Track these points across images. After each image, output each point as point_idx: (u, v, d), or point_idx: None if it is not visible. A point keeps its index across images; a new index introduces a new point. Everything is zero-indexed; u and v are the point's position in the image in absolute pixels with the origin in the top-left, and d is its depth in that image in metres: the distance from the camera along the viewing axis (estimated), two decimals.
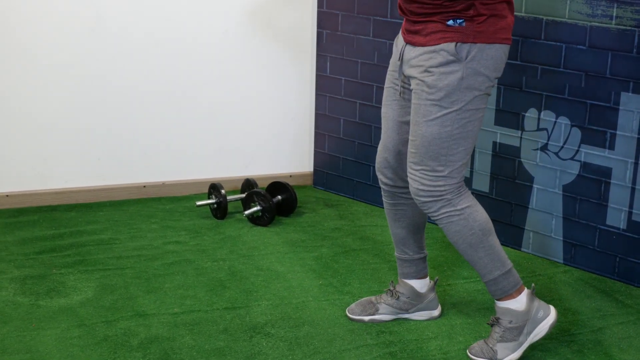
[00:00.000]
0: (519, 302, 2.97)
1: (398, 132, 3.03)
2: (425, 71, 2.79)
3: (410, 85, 2.90)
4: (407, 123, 3.00)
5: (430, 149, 2.82)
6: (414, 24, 2.83)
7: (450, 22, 2.75)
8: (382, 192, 3.16)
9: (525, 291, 3.00)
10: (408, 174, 2.91)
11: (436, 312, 3.28)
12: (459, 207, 2.88)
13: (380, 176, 3.13)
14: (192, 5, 4.33)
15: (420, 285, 3.24)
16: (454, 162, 2.84)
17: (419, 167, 2.85)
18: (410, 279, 3.23)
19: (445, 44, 2.75)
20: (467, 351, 3.02)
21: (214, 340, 3.06)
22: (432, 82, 2.78)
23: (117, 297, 3.36)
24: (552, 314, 3.02)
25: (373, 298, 3.28)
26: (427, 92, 2.79)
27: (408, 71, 2.87)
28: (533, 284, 3.05)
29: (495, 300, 3.00)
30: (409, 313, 3.25)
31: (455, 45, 2.75)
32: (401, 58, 2.91)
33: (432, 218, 2.92)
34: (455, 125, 2.80)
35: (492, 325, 3.01)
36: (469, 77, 2.77)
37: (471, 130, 2.83)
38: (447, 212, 2.88)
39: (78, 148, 4.30)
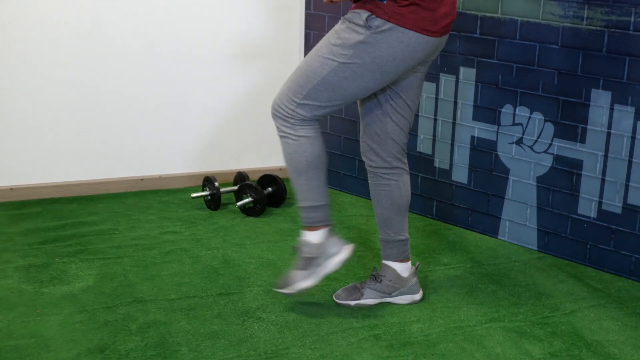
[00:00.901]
0: (316, 236, 3.08)
1: (371, 113, 3.11)
2: (343, 20, 2.92)
3: None
4: (379, 104, 3.08)
5: (303, 78, 2.94)
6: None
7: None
8: (368, 174, 3.22)
9: (326, 229, 3.09)
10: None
11: (418, 296, 3.30)
12: (297, 134, 2.99)
13: (364, 159, 3.19)
14: (185, 8, 4.33)
15: (402, 268, 3.26)
16: (313, 100, 2.94)
17: (287, 85, 2.98)
18: (392, 260, 3.24)
19: (362, 10, 2.86)
20: (275, 287, 3.20)
21: (209, 325, 3.07)
22: (339, 29, 2.91)
23: (116, 284, 3.37)
24: (345, 252, 3.14)
25: (358, 284, 3.29)
26: (332, 34, 2.93)
27: None
28: (331, 224, 3.15)
29: (301, 231, 3.11)
30: (392, 297, 3.27)
31: (368, 16, 2.84)
32: None
33: (278, 133, 3.04)
34: (332, 74, 2.91)
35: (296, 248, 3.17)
36: (370, 45, 2.86)
37: (345, 87, 2.93)
38: (286, 132, 3.00)
39: (78, 143, 4.31)
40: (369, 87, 2.94)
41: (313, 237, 3.10)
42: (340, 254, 3.15)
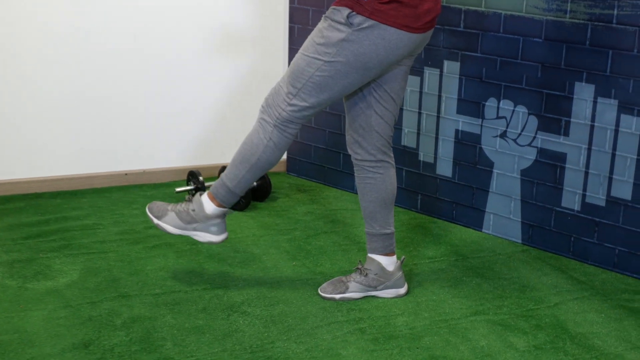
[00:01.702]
0: (210, 206, 3.14)
1: (355, 107, 3.11)
2: (325, 18, 2.92)
3: None
4: (362, 97, 3.08)
5: (292, 76, 2.96)
6: None
7: None
8: (354, 167, 3.21)
9: (221, 209, 3.15)
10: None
11: (403, 290, 3.29)
12: (268, 134, 3.01)
13: (350, 152, 3.19)
14: (169, 3, 4.31)
15: (387, 262, 3.25)
16: (301, 101, 2.96)
17: (280, 83, 3.01)
18: (377, 254, 3.24)
19: (343, 7, 2.86)
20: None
21: (194, 319, 3.06)
22: (322, 27, 2.92)
23: (101, 279, 3.35)
24: (219, 237, 3.21)
25: (343, 277, 3.28)
26: (316, 32, 2.93)
27: None
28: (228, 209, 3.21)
29: (202, 195, 3.18)
30: (377, 290, 3.26)
31: (350, 12, 2.84)
32: None
33: (257, 120, 3.05)
34: (317, 72, 2.91)
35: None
36: (351, 42, 2.86)
37: (331, 85, 2.94)
38: (261, 126, 3.03)
39: (62, 138, 4.28)
40: (354, 84, 2.95)
41: (208, 204, 3.15)
42: (215, 236, 3.21)
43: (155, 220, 3.21)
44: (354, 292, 3.24)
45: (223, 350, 2.85)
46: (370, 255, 3.26)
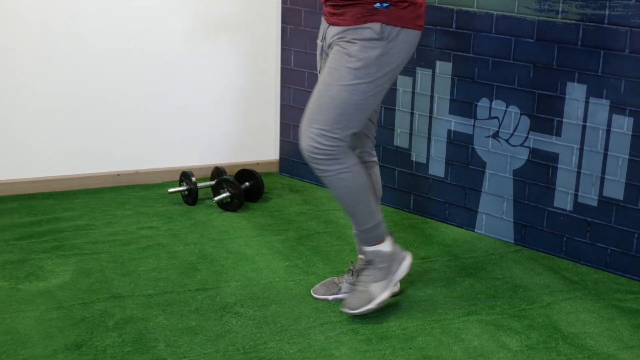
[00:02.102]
0: (387, 245, 3.08)
1: None
2: (349, 41, 2.84)
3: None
4: None
5: (336, 112, 2.84)
6: (337, 8, 2.87)
7: (377, 5, 2.80)
8: None
9: (391, 236, 3.11)
10: (303, 130, 2.90)
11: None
12: (347, 165, 2.91)
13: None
14: (160, 5, 4.30)
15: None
16: (351, 128, 2.88)
17: (318, 126, 2.85)
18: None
19: (372, 23, 2.81)
20: (346, 310, 3.08)
21: (186, 320, 3.05)
22: (353, 52, 2.82)
23: (93, 280, 3.34)
24: (409, 255, 3.17)
25: (336, 279, 3.28)
26: (346, 59, 2.83)
27: (330, 43, 2.93)
28: (392, 230, 3.17)
29: (366, 247, 3.08)
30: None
31: (381, 25, 2.81)
32: (324, 38, 2.96)
33: (322, 175, 2.92)
34: (363, 96, 2.85)
35: (358, 271, 3.15)
36: (386, 55, 2.83)
37: (372, 103, 2.90)
38: (338, 169, 2.90)
39: (55, 139, 4.26)
40: (387, 89, 2.96)
41: (384, 247, 3.09)
42: (407, 257, 3.17)
43: (370, 306, 3.08)
44: (346, 293, 3.22)
45: (216, 351, 2.85)
46: (360, 256, 3.24)
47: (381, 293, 3.08)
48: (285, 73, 4.56)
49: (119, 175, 4.43)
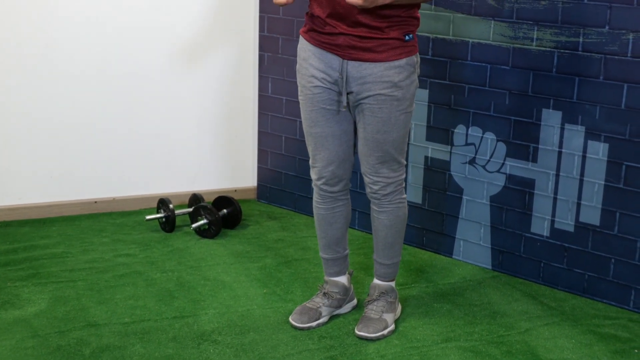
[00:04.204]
0: (395, 282, 3.28)
1: (340, 143, 3.05)
2: (394, 86, 2.87)
3: (359, 100, 2.91)
4: (346, 131, 3.04)
5: (398, 148, 2.99)
6: (363, 40, 2.82)
7: (407, 38, 2.86)
8: (320, 201, 3.18)
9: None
10: (370, 177, 3.03)
11: (355, 301, 3.38)
12: (404, 196, 3.11)
13: (325, 187, 3.13)
14: (137, 31, 4.28)
15: (346, 279, 3.30)
16: (405, 150, 3.04)
17: (385, 166, 3.00)
18: (340, 275, 3.28)
19: (407, 58, 2.87)
20: (364, 334, 3.12)
21: (164, 348, 3.01)
22: (402, 95, 2.89)
23: (69, 308, 3.30)
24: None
25: (308, 304, 3.27)
26: (396, 104, 2.89)
27: (363, 87, 2.88)
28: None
29: (382, 282, 3.23)
30: (340, 309, 3.30)
31: (414, 58, 2.90)
32: (345, 75, 2.88)
33: (386, 207, 3.08)
34: (409, 123, 3.00)
35: (370, 302, 3.22)
36: (416, 82, 2.95)
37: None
38: (399, 198, 3.09)
39: (31, 166, 4.23)
40: None
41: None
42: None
43: (382, 333, 3.16)
44: (326, 317, 3.23)
45: None
46: (333, 278, 3.28)
47: (392, 323, 3.19)
48: (263, 100, 4.55)
49: (95, 202, 4.40)
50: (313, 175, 3.14)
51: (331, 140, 3.03)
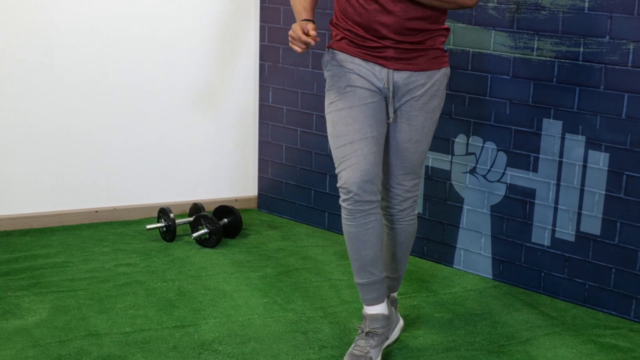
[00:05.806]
0: (385, 308, 3.02)
1: (376, 143, 2.85)
2: (434, 96, 2.90)
3: (397, 107, 2.88)
4: (382, 135, 2.87)
5: (422, 159, 3.00)
6: (406, 52, 2.80)
7: (445, 47, 2.90)
8: (350, 218, 2.87)
9: (387, 299, 3.08)
10: (396, 187, 2.98)
11: (402, 323, 3.24)
12: (416, 212, 3.09)
13: (355, 197, 2.81)
14: (140, 42, 4.29)
15: (384, 307, 3.01)
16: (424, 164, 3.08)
17: (410, 177, 2.99)
18: (379, 303, 2.98)
19: (445, 67, 2.92)
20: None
21: (164, 358, 3.01)
22: (437, 104, 2.93)
23: (70, 317, 3.30)
24: (402, 321, 3.21)
25: (355, 350, 2.95)
26: (430, 115, 2.92)
27: (408, 96, 2.86)
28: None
29: (393, 294, 3.19)
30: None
31: (449, 69, 2.94)
32: (391, 84, 2.82)
33: (399, 224, 3.04)
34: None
35: (360, 338, 2.98)
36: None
37: None
38: (413, 215, 3.06)
39: (31, 175, 4.23)
40: None
41: (383, 309, 2.99)
42: (401, 321, 3.23)
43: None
44: (378, 357, 3.00)
45: None
46: (371, 311, 2.99)
47: (377, 358, 2.99)
48: (264, 110, 4.55)
49: (96, 211, 4.40)
50: (341, 183, 2.83)
51: (369, 139, 2.82)
